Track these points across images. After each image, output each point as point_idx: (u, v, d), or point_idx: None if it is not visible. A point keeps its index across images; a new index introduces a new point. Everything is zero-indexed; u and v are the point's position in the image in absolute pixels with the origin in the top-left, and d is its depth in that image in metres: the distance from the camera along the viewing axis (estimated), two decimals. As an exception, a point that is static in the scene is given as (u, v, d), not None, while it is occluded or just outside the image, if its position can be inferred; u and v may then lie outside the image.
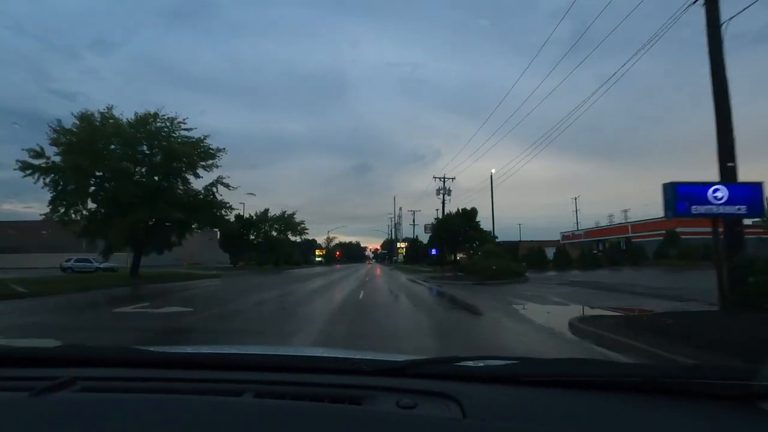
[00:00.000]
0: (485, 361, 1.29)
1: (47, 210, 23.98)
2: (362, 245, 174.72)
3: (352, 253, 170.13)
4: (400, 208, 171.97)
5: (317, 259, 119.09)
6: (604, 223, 68.97)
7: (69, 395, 1.11)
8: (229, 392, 1.14)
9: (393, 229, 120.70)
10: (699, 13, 9.07)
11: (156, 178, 25.54)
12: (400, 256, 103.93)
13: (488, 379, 1.20)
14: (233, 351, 1.65)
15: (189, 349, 1.76)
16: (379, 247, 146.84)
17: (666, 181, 8.51)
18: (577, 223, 74.58)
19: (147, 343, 6.39)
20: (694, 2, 9.19)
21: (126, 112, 41.43)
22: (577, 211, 79.30)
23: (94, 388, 1.19)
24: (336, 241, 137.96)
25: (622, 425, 0.99)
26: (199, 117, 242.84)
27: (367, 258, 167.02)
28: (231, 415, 0.97)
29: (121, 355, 1.49)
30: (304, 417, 0.96)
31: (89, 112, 23.54)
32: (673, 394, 1.06)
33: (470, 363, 1.27)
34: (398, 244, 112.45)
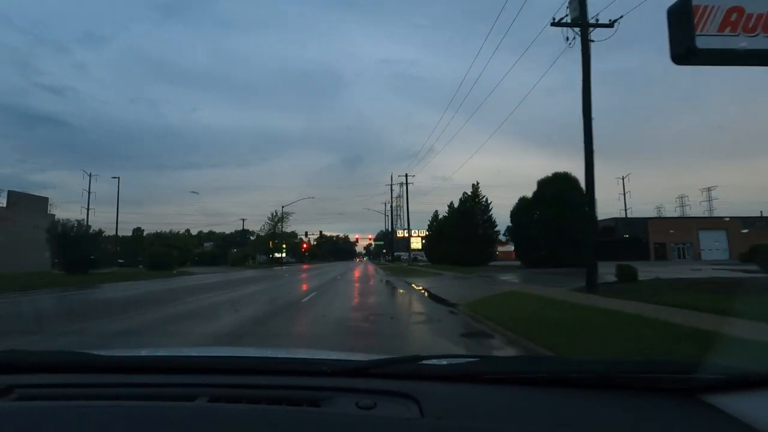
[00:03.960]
0: (446, 360, 1.29)
1: None
2: (353, 240, 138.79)
3: (339, 249, 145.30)
4: (401, 186, 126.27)
5: (280, 254, 76.14)
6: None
7: (4, 405, 1.04)
8: (180, 397, 1.09)
9: (392, 211, 76.74)
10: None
11: None
12: (397, 250, 75.00)
13: (448, 377, 1.19)
14: (185, 353, 1.65)
15: (138, 352, 1.61)
16: (370, 238, 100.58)
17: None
18: (626, 208, 62.32)
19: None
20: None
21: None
22: (625, 193, 63.62)
23: (33, 396, 1.11)
24: (310, 233, 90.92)
25: (576, 420, 1.01)
26: (192, 114, 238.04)
27: (358, 255, 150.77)
28: (183, 421, 0.93)
29: (64, 360, 1.38)
30: (260, 421, 0.93)
31: None
32: (624, 388, 1.10)
33: (431, 362, 1.27)
34: (402, 233, 78.76)
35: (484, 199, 38.61)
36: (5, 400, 1.06)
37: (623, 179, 62.99)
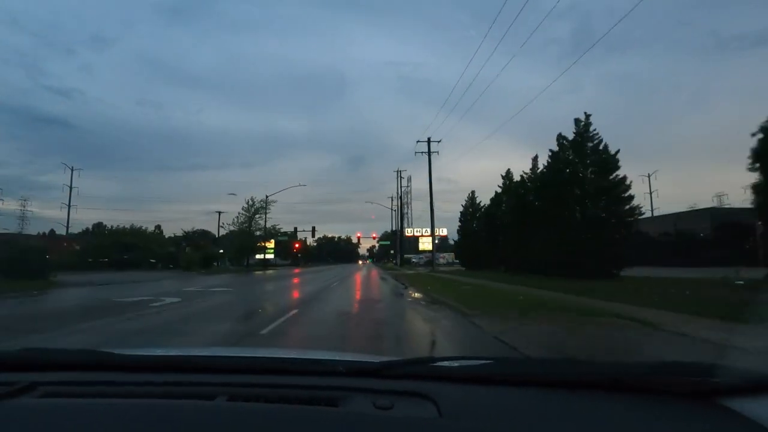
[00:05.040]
0: (461, 362, 1.29)
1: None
2: (355, 241, 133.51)
3: (340, 250, 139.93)
4: (409, 178, 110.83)
5: (267, 256, 65.33)
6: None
7: (28, 401, 1.06)
8: (200, 396, 1.10)
9: (400, 204, 63.05)
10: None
11: None
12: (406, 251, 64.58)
13: (464, 379, 1.19)
14: (204, 353, 1.65)
15: (158, 352, 1.63)
16: (374, 237, 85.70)
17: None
18: (652, 208, 51.79)
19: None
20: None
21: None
22: (651, 192, 54.79)
23: (56, 394, 1.12)
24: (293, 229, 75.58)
25: (592, 423, 1.00)
26: (197, 115, 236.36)
27: (361, 257, 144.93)
28: (203, 419, 0.94)
29: (86, 358, 1.39)
30: (279, 420, 0.94)
31: None
32: (639, 391, 1.08)
33: (446, 363, 1.27)
34: (411, 231, 72.20)
35: (600, 146, 18.64)
36: (29, 397, 1.08)
37: (649, 177, 55.69)
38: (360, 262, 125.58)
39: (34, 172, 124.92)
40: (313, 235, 61.54)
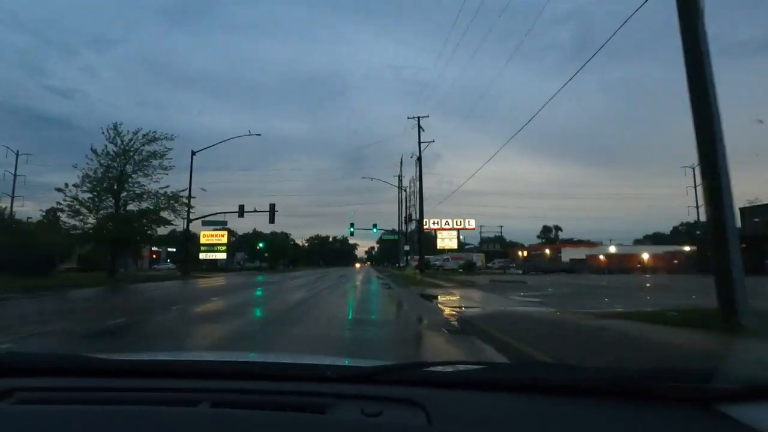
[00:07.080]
0: (453, 367, 1.28)
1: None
2: (351, 240, 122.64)
3: (335, 252, 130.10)
4: (419, 160, 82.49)
5: (209, 254, 44.01)
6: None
7: (4, 408, 1.03)
8: (183, 402, 1.07)
9: (420, 180, 35.58)
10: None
11: None
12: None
13: (454, 384, 1.18)
14: (188, 358, 1.63)
15: (140, 356, 1.61)
16: (376, 226, 58.14)
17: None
18: (697, 205, 45.96)
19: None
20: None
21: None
22: (696, 186, 46.01)
23: (34, 400, 1.10)
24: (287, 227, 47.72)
25: (586, 429, 0.99)
26: (197, 117, 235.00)
27: (359, 260, 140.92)
28: (185, 426, 0.92)
29: (66, 363, 1.35)
30: (262, 427, 0.91)
31: None
32: (634, 397, 1.07)
33: (437, 368, 1.26)
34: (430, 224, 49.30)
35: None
36: (5, 403, 1.05)
37: (693, 169, 44.85)
38: (357, 265, 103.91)
39: (33, 172, 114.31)
40: (272, 220, 35.49)
